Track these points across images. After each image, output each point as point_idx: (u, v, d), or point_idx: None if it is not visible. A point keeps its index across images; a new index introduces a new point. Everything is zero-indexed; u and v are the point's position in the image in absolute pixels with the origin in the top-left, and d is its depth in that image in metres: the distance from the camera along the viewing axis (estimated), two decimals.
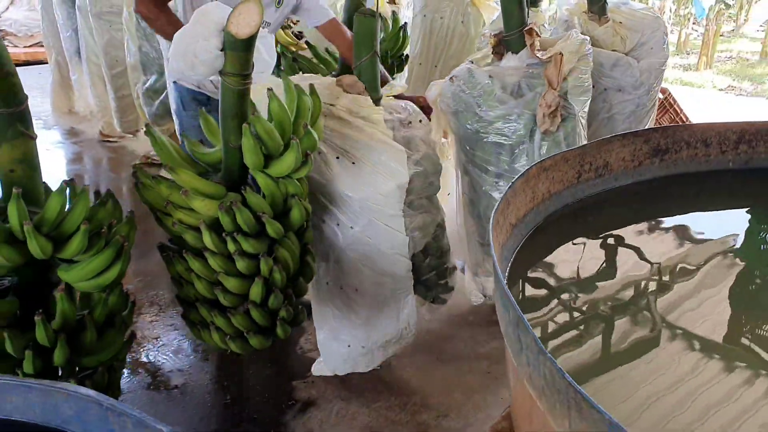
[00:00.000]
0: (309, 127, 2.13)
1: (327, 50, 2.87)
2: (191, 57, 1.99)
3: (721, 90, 10.70)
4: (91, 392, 1.09)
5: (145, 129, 2.20)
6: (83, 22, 5.62)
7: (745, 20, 15.22)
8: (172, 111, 3.09)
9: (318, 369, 2.82)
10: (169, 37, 2.45)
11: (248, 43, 1.94)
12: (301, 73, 3.10)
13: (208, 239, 2.06)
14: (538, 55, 2.73)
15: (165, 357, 3.03)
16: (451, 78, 2.90)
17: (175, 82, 2.97)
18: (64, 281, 1.76)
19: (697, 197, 2.26)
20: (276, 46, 3.29)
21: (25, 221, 1.60)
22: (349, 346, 2.62)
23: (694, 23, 14.34)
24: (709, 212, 2.30)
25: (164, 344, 3.12)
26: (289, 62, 3.09)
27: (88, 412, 1.09)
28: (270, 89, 2.13)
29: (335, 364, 2.71)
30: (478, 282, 3.24)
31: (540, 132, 2.75)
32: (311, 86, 2.27)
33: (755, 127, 2.18)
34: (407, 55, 3.30)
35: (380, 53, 3.17)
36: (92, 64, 5.87)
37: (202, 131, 2.62)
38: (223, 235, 2.07)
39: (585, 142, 2.83)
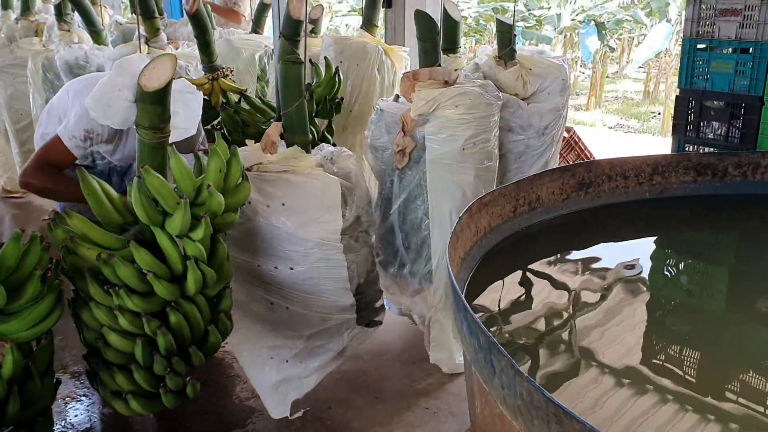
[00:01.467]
0: (212, 188, 2.00)
1: (261, 99, 2.91)
2: (104, 106, 2.00)
3: (611, 128, 11.35)
4: None
5: (77, 171, 2.14)
6: None
7: (627, 62, 16.25)
8: None
9: None
10: (75, 197, 2.27)
11: (158, 97, 1.90)
12: (242, 124, 3.10)
13: (92, 289, 1.94)
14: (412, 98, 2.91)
15: (96, 416, 2.92)
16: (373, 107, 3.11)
17: None
18: (2, 333, 1.70)
19: (619, 227, 2.42)
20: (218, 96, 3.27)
21: None
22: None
23: (581, 66, 15.20)
24: (629, 241, 2.47)
25: (93, 402, 3.01)
26: (230, 113, 3.10)
27: None
28: (171, 145, 2.09)
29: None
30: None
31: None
32: (233, 149, 2.18)
33: (667, 160, 2.38)
34: (342, 98, 3.39)
35: (317, 98, 3.27)
36: None
37: None
38: (105, 288, 1.93)
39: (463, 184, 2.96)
